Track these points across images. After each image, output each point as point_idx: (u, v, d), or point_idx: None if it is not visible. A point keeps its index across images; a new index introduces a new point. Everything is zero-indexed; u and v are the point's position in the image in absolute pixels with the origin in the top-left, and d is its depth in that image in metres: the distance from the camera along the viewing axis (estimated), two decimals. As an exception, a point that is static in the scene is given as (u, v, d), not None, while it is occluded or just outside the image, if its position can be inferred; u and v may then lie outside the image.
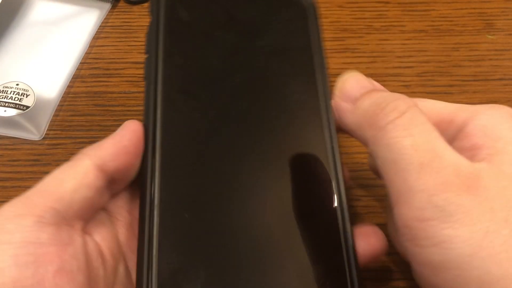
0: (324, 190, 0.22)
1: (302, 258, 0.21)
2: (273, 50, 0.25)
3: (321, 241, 0.21)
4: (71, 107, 0.34)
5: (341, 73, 0.22)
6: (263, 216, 0.21)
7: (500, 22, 0.39)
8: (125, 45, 0.37)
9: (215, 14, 0.25)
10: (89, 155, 0.20)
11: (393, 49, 0.38)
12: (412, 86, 0.36)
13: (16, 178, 0.31)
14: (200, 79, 0.23)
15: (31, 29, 0.38)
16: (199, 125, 0.22)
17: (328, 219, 0.22)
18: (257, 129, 0.23)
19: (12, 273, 0.17)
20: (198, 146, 0.22)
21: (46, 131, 0.33)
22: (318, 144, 0.23)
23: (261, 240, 0.21)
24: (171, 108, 0.22)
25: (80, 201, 0.19)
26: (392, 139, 0.19)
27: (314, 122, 0.23)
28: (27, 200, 0.19)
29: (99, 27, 0.38)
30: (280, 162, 0.22)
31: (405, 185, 0.18)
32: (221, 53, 0.24)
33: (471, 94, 0.35)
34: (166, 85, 0.22)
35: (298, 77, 0.24)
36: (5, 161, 0.31)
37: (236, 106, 0.23)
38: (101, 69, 0.36)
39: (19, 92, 0.34)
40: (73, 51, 0.36)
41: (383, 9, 0.40)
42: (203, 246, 0.20)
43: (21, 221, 0.18)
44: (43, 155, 0.32)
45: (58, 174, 0.20)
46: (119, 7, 0.40)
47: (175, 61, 0.23)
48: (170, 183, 0.21)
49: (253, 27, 0.26)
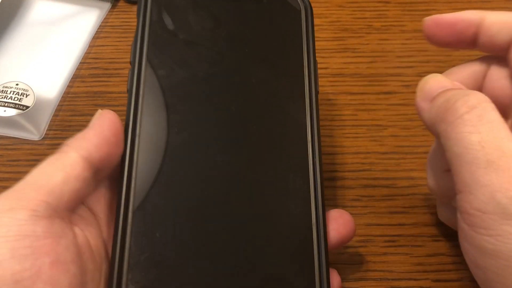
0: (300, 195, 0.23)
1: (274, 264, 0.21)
2: (260, 58, 0.25)
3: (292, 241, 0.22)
4: (71, 107, 0.34)
5: (341, 73, 0.22)
6: (236, 225, 0.22)
7: (500, 22, 0.39)
8: (125, 45, 0.37)
9: (202, 21, 0.25)
10: (75, 147, 0.21)
11: (394, 49, 0.38)
12: (412, 86, 0.36)
13: (16, 178, 0.30)
14: (184, 90, 0.24)
15: (31, 29, 0.38)
16: (179, 140, 0.23)
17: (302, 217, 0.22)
18: (239, 138, 0.23)
19: (10, 265, 0.17)
20: (176, 161, 0.22)
21: (46, 131, 0.33)
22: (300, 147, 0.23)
23: (233, 246, 0.21)
24: (152, 120, 0.23)
25: (69, 193, 0.20)
26: (460, 134, 0.20)
27: (298, 120, 0.24)
28: (19, 194, 0.19)
29: (99, 27, 0.38)
30: (259, 169, 0.23)
31: (471, 178, 0.19)
32: (209, 61, 0.24)
33: (471, 94, 0.35)
34: (147, 97, 0.23)
35: (286, 85, 0.24)
36: (5, 161, 0.31)
37: (220, 115, 0.23)
38: (101, 69, 0.36)
39: (18, 92, 0.34)
40: (73, 51, 0.36)
41: (384, 9, 0.40)
42: (174, 257, 0.21)
43: (15, 214, 0.18)
44: (43, 155, 0.31)
45: (46, 167, 0.20)
46: (119, 7, 0.40)
47: (158, 73, 0.23)
48: (146, 193, 0.21)
49: (241, 34, 0.25)
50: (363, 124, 0.34)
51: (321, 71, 0.36)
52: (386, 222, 0.29)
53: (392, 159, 0.32)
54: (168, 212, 0.21)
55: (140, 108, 0.23)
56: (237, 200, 0.22)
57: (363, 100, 0.35)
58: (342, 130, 0.33)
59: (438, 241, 0.29)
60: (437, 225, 0.29)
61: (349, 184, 0.31)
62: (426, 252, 0.28)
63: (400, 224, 0.29)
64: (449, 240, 0.29)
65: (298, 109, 0.24)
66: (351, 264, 0.28)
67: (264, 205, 0.22)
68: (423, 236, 0.29)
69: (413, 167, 0.32)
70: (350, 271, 0.28)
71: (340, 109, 0.34)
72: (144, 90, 0.23)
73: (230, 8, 0.26)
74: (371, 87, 0.35)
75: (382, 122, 0.34)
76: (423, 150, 0.32)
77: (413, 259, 0.28)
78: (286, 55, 0.25)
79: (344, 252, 0.28)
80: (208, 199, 0.22)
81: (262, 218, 0.22)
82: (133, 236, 0.21)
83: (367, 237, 0.29)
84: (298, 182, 0.23)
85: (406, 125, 0.34)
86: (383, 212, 0.30)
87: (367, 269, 0.28)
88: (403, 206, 0.30)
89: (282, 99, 0.24)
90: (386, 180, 0.31)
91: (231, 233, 0.21)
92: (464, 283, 0.27)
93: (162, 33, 0.25)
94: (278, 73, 0.25)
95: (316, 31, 0.39)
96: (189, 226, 0.21)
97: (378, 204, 0.30)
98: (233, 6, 0.26)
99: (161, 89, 0.23)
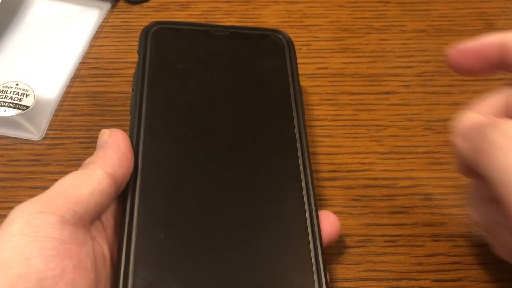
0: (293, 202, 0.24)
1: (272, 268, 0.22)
2: (250, 85, 0.28)
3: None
4: (71, 107, 0.34)
5: (341, 73, 0.22)
6: (237, 230, 0.23)
7: (500, 22, 0.39)
8: (125, 45, 0.37)
9: (197, 55, 0.29)
10: (100, 165, 0.22)
11: (393, 49, 0.38)
12: (412, 86, 0.36)
13: (16, 178, 0.31)
14: (181, 113, 0.26)
15: (31, 29, 0.38)
16: (178, 155, 0.25)
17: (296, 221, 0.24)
18: (235, 153, 0.25)
19: (37, 264, 0.18)
20: (176, 174, 0.24)
21: (46, 131, 0.33)
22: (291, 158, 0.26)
23: (233, 257, 0.22)
24: (153, 138, 0.25)
25: (93, 206, 0.21)
26: (502, 163, 0.20)
27: (288, 135, 0.26)
28: (48, 200, 0.20)
29: (99, 27, 0.38)
30: (254, 187, 0.24)
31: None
32: (202, 90, 0.27)
33: (471, 94, 0.35)
34: (148, 119, 0.25)
35: (275, 112, 0.27)
36: (5, 161, 0.31)
37: (214, 138, 0.26)
38: (101, 69, 0.36)
39: (19, 92, 0.34)
40: (73, 51, 0.36)
41: (383, 9, 0.40)
42: (177, 265, 0.22)
43: (45, 217, 0.19)
44: (43, 155, 0.32)
45: (74, 179, 0.21)
46: (119, 7, 0.40)
47: (157, 98, 0.26)
48: (149, 208, 0.23)
49: (232, 66, 0.29)
50: (363, 124, 0.34)
51: (321, 71, 0.36)
52: (386, 222, 0.29)
53: (392, 159, 0.32)
54: (171, 218, 0.23)
55: (143, 127, 0.25)
56: (237, 207, 0.24)
57: (363, 100, 0.35)
58: (342, 130, 0.33)
59: (438, 241, 0.29)
60: (437, 225, 0.29)
61: (349, 184, 0.31)
62: (426, 252, 0.28)
63: (400, 224, 0.29)
64: (449, 240, 0.29)
65: (288, 126, 0.27)
66: (351, 264, 0.28)
67: (263, 210, 0.24)
68: (423, 236, 0.29)
69: (413, 167, 0.32)
70: (350, 271, 0.28)
71: (340, 109, 0.34)
72: (145, 112, 0.26)
73: (222, 44, 0.29)
74: (371, 87, 0.35)
75: (382, 122, 0.34)
76: (423, 150, 0.32)
77: (413, 259, 0.28)
78: (273, 82, 0.28)
79: (344, 252, 0.28)
80: (209, 207, 0.23)
81: (262, 221, 0.23)
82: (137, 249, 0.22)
83: (367, 237, 0.29)
84: (292, 187, 0.25)
85: (406, 125, 0.34)
86: (383, 212, 0.30)
87: (367, 269, 0.28)
88: (403, 206, 0.30)
89: (273, 118, 0.27)
90: (386, 180, 0.31)
91: (232, 238, 0.23)
92: (464, 283, 0.27)
93: (159, 63, 0.28)
94: (267, 97, 0.28)
95: (316, 31, 0.39)
96: (191, 230, 0.22)
97: (378, 204, 0.30)
98: (224, 42, 0.30)
99: (160, 111, 0.26)
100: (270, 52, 0.30)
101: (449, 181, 0.31)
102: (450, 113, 0.34)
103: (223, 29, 0.30)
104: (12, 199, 0.30)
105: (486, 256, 0.28)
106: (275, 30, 0.31)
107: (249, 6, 0.40)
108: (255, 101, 0.27)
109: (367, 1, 0.40)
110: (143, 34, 0.29)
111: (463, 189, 0.31)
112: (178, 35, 0.29)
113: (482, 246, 0.29)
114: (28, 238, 0.18)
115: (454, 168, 0.25)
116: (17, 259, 0.18)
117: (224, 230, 0.23)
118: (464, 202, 0.30)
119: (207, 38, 0.29)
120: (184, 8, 0.40)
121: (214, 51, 0.29)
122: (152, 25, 0.29)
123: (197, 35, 0.29)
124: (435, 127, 0.34)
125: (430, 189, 0.31)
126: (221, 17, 0.39)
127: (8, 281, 0.17)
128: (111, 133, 0.24)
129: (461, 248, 0.29)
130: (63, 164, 0.31)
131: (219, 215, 0.23)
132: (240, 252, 0.22)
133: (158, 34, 0.29)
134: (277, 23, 0.39)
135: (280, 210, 0.24)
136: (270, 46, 0.30)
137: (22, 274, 0.18)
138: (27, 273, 0.18)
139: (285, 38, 0.30)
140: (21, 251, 0.18)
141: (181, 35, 0.29)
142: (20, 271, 0.18)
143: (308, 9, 0.40)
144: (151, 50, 0.28)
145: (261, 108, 0.27)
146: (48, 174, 0.31)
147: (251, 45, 0.30)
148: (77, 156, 0.32)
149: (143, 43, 0.28)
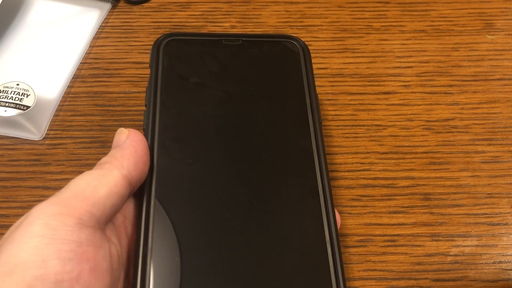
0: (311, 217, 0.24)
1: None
2: (266, 95, 0.27)
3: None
4: (72, 107, 0.34)
5: (341, 73, 0.22)
6: (257, 247, 0.22)
7: (500, 22, 0.40)
8: (125, 45, 0.38)
9: (210, 67, 0.28)
10: (116, 166, 0.22)
11: (393, 49, 0.38)
12: (412, 86, 0.36)
13: (17, 178, 0.31)
14: (195, 128, 0.26)
15: (31, 29, 0.38)
16: (192, 170, 0.24)
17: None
18: (251, 174, 0.25)
19: (54, 266, 0.18)
20: (190, 190, 0.24)
21: (46, 131, 0.33)
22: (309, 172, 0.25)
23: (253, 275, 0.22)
24: (167, 156, 0.24)
25: (110, 208, 0.21)
26: None
27: (305, 148, 0.25)
28: (65, 202, 0.20)
29: (99, 27, 0.38)
30: (273, 194, 0.24)
31: None
32: (216, 103, 0.26)
33: (471, 94, 0.35)
34: (162, 136, 0.25)
35: (292, 124, 0.26)
36: (5, 161, 0.31)
37: (228, 152, 0.25)
38: (101, 69, 0.36)
39: (19, 92, 0.34)
40: (73, 51, 0.36)
41: (383, 9, 0.40)
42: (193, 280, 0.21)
43: (63, 220, 0.19)
44: (43, 155, 0.32)
45: (91, 180, 0.21)
46: (119, 7, 0.40)
47: (170, 113, 0.26)
48: (164, 227, 0.22)
49: (247, 76, 0.28)
50: (363, 124, 0.34)
51: (321, 71, 0.36)
52: (385, 222, 0.30)
53: (392, 159, 0.32)
54: (187, 235, 0.22)
55: (156, 145, 0.25)
56: (255, 222, 0.23)
57: (362, 100, 0.35)
58: (342, 130, 0.33)
59: (438, 241, 0.29)
60: (436, 224, 0.29)
61: (348, 184, 0.31)
62: (425, 251, 0.28)
63: (399, 224, 0.29)
64: (449, 240, 0.29)
65: (304, 138, 0.26)
66: (351, 264, 0.28)
67: (282, 227, 0.23)
68: (422, 236, 0.29)
69: (413, 167, 0.32)
70: (350, 271, 0.28)
71: (339, 109, 0.34)
72: (159, 129, 0.25)
73: (235, 54, 0.29)
74: (371, 87, 0.35)
75: (382, 122, 0.34)
76: (422, 150, 0.33)
77: (412, 259, 0.28)
78: (289, 92, 0.27)
79: (344, 252, 0.28)
80: (227, 222, 0.23)
81: (281, 237, 0.23)
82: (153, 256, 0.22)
83: (367, 237, 0.29)
84: (310, 203, 0.24)
85: (406, 125, 0.34)
86: (383, 212, 0.30)
87: (367, 269, 0.28)
88: (403, 206, 0.30)
89: (289, 131, 0.26)
90: (386, 180, 0.31)
91: (251, 254, 0.22)
92: (463, 282, 0.27)
93: (172, 77, 0.27)
94: (283, 108, 0.27)
95: (316, 32, 0.39)
96: (209, 248, 0.22)
97: (377, 204, 0.30)
98: (237, 52, 0.29)
99: (174, 127, 0.25)
100: (285, 60, 0.29)
101: (448, 181, 0.31)
102: (450, 113, 0.35)
103: (235, 38, 0.29)
104: (12, 199, 0.30)
105: (485, 256, 0.28)
106: (290, 36, 0.30)
107: (249, 6, 0.40)
108: (271, 113, 0.27)
109: (367, 2, 0.40)
110: (154, 47, 0.28)
111: (463, 189, 0.31)
112: (190, 46, 0.29)
113: (481, 246, 0.29)
114: (46, 240, 0.18)
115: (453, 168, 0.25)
116: (35, 261, 0.18)
117: (242, 247, 0.22)
118: (463, 202, 0.30)
119: (220, 48, 0.29)
120: (184, 9, 0.40)
121: (227, 62, 0.28)
122: (163, 37, 0.29)
123: (209, 46, 0.29)
124: (435, 127, 0.34)
125: (429, 189, 0.31)
126: (221, 17, 0.39)
127: (25, 282, 0.18)
128: (129, 134, 0.23)
129: (461, 248, 0.29)
130: (64, 164, 0.31)
131: (237, 230, 0.23)
132: (260, 268, 0.22)
133: (170, 47, 0.28)
134: (277, 24, 0.39)
135: (297, 225, 0.23)
136: (285, 53, 0.29)
137: (39, 275, 0.18)
138: (44, 275, 0.18)
139: (300, 45, 0.29)
140: (39, 253, 0.18)
141: (193, 46, 0.29)
142: (37, 272, 0.18)
143: (308, 10, 0.40)
144: (163, 63, 0.27)
145: (277, 120, 0.26)
146: (49, 174, 0.31)
147: (265, 54, 0.29)
148: (77, 156, 0.32)
149: (155, 56, 0.28)
